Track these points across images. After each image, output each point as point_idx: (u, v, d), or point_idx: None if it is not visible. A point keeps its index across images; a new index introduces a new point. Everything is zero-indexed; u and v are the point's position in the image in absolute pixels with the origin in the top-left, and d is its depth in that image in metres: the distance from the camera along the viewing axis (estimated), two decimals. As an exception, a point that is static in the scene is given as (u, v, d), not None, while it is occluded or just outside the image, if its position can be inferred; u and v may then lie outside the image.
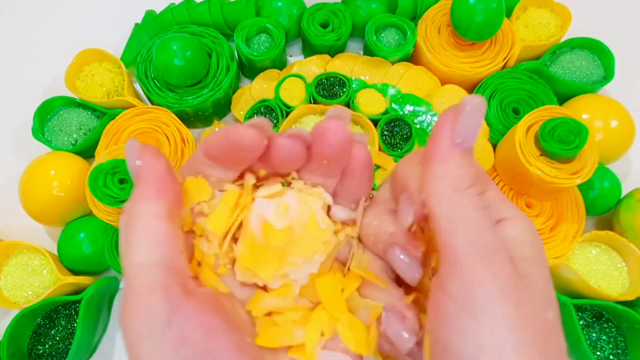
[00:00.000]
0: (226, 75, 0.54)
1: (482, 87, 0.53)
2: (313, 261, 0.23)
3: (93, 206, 0.43)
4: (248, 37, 0.56)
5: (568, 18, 0.55)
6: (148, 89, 0.53)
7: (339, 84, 0.47)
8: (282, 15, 0.57)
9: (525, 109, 0.51)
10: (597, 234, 0.47)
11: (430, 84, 0.54)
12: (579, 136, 0.44)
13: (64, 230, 0.49)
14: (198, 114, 0.54)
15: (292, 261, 0.23)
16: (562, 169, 0.45)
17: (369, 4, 0.57)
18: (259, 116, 0.47)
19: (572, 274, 0.45)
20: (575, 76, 0.55)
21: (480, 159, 0.49)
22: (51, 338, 0.46)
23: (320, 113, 0.48)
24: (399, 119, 0.45)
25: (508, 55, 0.54)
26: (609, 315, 0.47)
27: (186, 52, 0.50)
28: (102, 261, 0.48)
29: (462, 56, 0.54)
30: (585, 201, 0.49)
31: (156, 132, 0.51)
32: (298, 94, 0.48)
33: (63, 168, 0.48)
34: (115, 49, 0.58)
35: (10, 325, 0.44)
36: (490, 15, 0.49)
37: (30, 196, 0.48)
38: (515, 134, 0.46)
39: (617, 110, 0.51)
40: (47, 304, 0.46)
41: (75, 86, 0.54)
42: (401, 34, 0.56)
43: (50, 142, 0.52)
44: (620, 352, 0.45)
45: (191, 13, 0.58)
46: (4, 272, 0.47)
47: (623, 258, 0.47)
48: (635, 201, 0.48)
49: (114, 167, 0.42)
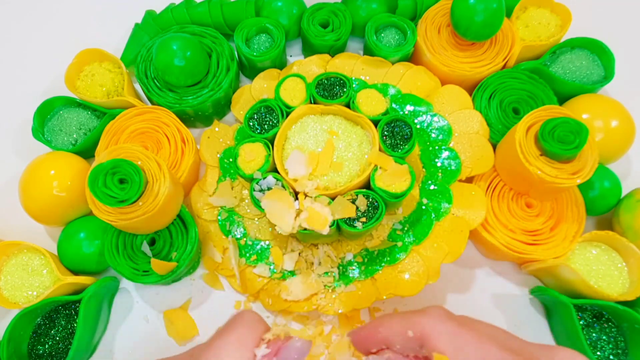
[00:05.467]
0: (226, 75, 0.54)
1: (482, 87, 0.53)
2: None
3: (93, 206, 0.43)
4: (248, 37, 0.56)
5: (568, 18, 0.55)
6: (148, 89, 0.53)
7: (339, 84, 0.47)
8: (282, 15, 0.57)
9: (525, 109, 0.51)
10: (597, 234, 0.47)
11: (430, 84, 0.54)
12: (579, 136, 0.44)
13: (64, 230, 0.49)
14: (198, 114, 0.54)
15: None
16: (562, 169, 0.45)
17: (369, 4, 0.57)
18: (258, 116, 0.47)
19: (572, 274, 0.45)
20: (575, 76, 0.55)
21: (480, 159, 0.49)
22: (51, 338, 0.46)
23: (321, 113, 0.48)
24: (399, 119, 0.45)
25: (508, 55, 0.54)
26: (609, 315, 0.47)
27: (186, 52, 0.50)
28: (102, 261, 0.48)
29: (462, 56, 0.54)
30: (585, 201, 0.49)
31: (156, 132, 0.51)
32: (298, 94, 0.48)
33: (63, 168, 0.48)
34: (115, 49, 0.58)
35: (10, 325, 0.44)
36: (490, 15, 0.50)
37: (30, 196, 0.48)
38: (515, 134, 0.46)
39: (617, 110, 0.51)
40: (47, 304, 0.46)
41: (75, 86, 0.54)
42: (401, 34, 0.56)
43: (50, 142, 0.52)
44: (620, 352, 0.45)
45: (191, 13, 0.58)
46: (4, 272, 0.47)
47: (623, 258, 0.47)
48: (635, 201, 0.48)
49: (114, 167, 0.42)
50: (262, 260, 0.49)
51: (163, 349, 0.48)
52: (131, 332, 0.49)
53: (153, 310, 0.50)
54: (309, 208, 0.42)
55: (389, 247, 0.47)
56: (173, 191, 0.44)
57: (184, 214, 0.47)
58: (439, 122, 0.51)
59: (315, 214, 0.42)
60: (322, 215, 0.42)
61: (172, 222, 0.47)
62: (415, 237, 0.47)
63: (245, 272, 0.49)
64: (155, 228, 0.46)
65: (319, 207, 0.42)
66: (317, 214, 0.42)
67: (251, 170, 0.45)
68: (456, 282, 0.51)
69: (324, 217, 0.42)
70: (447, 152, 0.49)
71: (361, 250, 0.48)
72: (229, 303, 0.50)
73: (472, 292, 0.50)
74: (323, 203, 0.43)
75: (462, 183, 0.49)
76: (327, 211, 0.42)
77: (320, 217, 0.42)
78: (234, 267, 0.49)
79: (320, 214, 0.42)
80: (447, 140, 0.50)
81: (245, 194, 0.51)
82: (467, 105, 0.52)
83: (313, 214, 0.42)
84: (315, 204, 0.42)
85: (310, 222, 0.42)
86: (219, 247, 0.50)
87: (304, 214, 0.42)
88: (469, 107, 0.52)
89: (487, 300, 0.50)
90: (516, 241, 0.47)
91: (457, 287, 0.51)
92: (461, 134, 0.51)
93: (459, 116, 0.51)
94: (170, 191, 0.43)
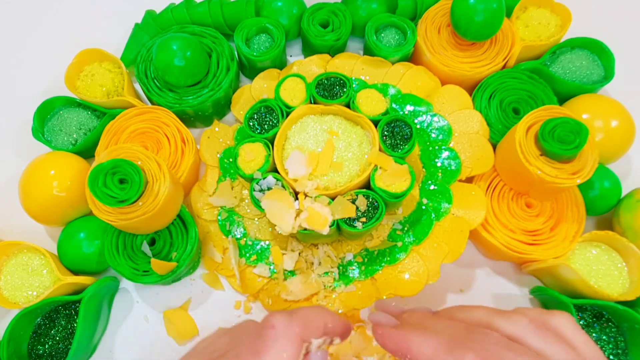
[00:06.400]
0: (226, 75, 0.54)
1: (482, 87, 0.53)
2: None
3: (93, 206, 0.43)
4: (248, 37, 0.56)
5: (568, 18, 0.55)
6: (148, 89, 0.53)
7: (339, 84, 0.47)
8: (282, 15, 0.57)
9: (525, 109, 0.51)
10: (597, 234, 0.47)
11: (430, 84, 0.54)
12: (579, 136, 0.44)
13: (64, 230, 0.49)
14: (198, 114, 0.54)
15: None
16: (562, 169, 0.45)
17: (369, 4, 0.57)
18: (258, 116, 0.47)
19: (572, 274, 0.45)
20: (575, 76, 0.55)
21: (480, 159, 0.49)
22: (51, 338, 0.46)
23: (320, 113, 0.48)
24: (399, 119, 0.45)
25: (508, 55, 0.54)
26: (609, 315, 0.47)
27: (186, 52, 0.50)
28: (102, 261, 0.48)
29: (462, 56, 0.54)
30: (585, 201, 0.49)
31: (156, 132, 0.51)
32: (298, 94, 0.48)
33: (63, 168, 0.48)
34: (115, 49, 0.58)
35: (10, 325, 0.44)
36: (490, 15, 0.50)
37: (30, 196, 0.48)
38: (515, 134, 0.46)
39: (617, 110, 0.51)
40: (47, 304, 0.46)
41: (75, 86, 0.54)
42: (401, 34, 0.56)
43: (50, 142, 0.52)
44: (620, 352, 0.45)
45: (191, 13, 0.58)
46: (4, 272, 0.47)
47: (623, 258, 0.47)
48: (635, 201, 0.48)
49: (114, 167, 0.42)
50: (262, 260, 0.49)
51: (163, 349, 0.48)
52: (131, 332, 0.49)
53: (153, 310, 0.50)
54: (309, 208, 0.42)
55: (389, 247, 0.47)
56: (173, 191, 0.44)
57: (184, 214, 0.47)
58: (439, 122, 0.51)
59: (315, 214, 0.42)
60: (322, 215, 0.42)
61: (172, 222, 0.47)
62: (415, 237, 0.47)
63: (245, 272, 0.49)
64: (155, 228, 0.46)
65: (319, 207, 0.42)
66: (317, 214, 0.42)
67: (251, 170, 0.45)
68: (456, 282, 0.51)
69: (324, 217, 0.42)
70: (447, 152, 0.49)
71: (361, 250, 0.48)
72: (229, 303, 0.50)
73: (472, 292, 0.50)
74: (323, 203, 0.43)
75: (462, 183, 0.49)
76: (327, 211, 0.42)
77: (320, 217, 0.42)
78: (234, 267, 0.49)
79: (320, 214, 0.42)
80: (447, 140, 0.50)
81: (245, 194, 0.51)
82: (467, 105, 0.52)
83: (313, 214, 0.42)
84: (315, 204, 0.42)
85: (310, 222, 0.42)
86: (219, 247, 0.50)
87: (304, 214, 0.42)
88: (469, 107, 0.52)
89: (487, 300, 0.50)
90: (516, 241, 0.47)
91: (457, 287, 0.51)
92: (461, 134, 0.51)
93: (459, 116, 0.51)
94: (170, 191, 0.43)
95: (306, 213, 0.42)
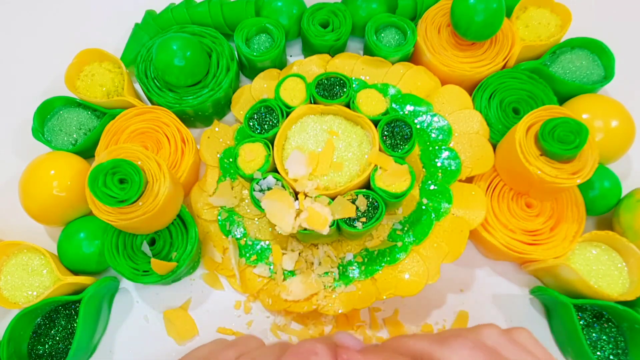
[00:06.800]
0: (226, 75, 0.54)
1: (482, 87, 0.53)
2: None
3: (93, 206, 0.43)
4: (248, 37, 0.56)
5: (568, 18, 0.55)
6: (148, 89, 0.53)
7: (339, 84, 0.47)
8: (282, 15, 0.57)
9: (525, 109, 0.51)
10: (597, 234, 0.47)
11: (430, 84, 0.54)
12: (579, 136, 0.44)
13: (64, 230, 0.49)
14: (198, 114, 0.54)
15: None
16: (562, 169, 0.45)
17: (369, 4, 0.57)
18: (258, 116, 0.47)
19: (572, 274, 0.45)
20: (575, 76, 0.55)
21: (480, 159, 0.49)
22: (51, 338, 0.46)
23: (321, 113, 0.48)
24: (399, 119, 0.45)
25: (508, 55, 0.54)
26: (609, 315, 0.47)
27: (186, 52, 0.50)
28: (102, 261, 0.48)
29: (462, 56, 0.54)
30: (585, 201, 0.49)
31: (156, 132, 0.51)
32: (298, 94, 0.48)
33: (63, 168, 0.48)
34: (115, 49, 0.58)
35: (10, 325, 0.44)
36: (490, 15, 0.50)
37: (30, 196, 0.48)
38: (515, 134, 0.46)
39: (617, 110, 0.51)
40: (47, 304, 0.46)
41: (75, 86, 0.54)
42: (401, 34, 0.56)
43: (50, 142, 0.52)
44: (620, 352, 0.45)
45: (191, 13, 0.58)
46: (4, 272, 0.47)
47: (623, 258, 0.47)
48: (635, 201, 0.48)
49: (114, 167, 0.42)
50: (262, 260, 0.49)
51: (163, 349, 0.48)
52: (131, 332, 0.49)
53: (153, 310, 0.50)
54: (309, 208, 0.42)
55: (389, 247, 0.47)
56: (173, 191, 0.44)
57: (184, 214, 0.47)
58: (439, 122, 0.51)
59: (315, 214, 0.42)
60: (322, 215, 0.42)
61: (172, 222, 0.47)
62: (415, 237, 0.47)
63: (245, 272, 0.49)
64: (155, 228, 0.46)
65: (319, 207, 0.42)
66: (317, 214, 0.42)
67: (251, 170, 0.45)
68: (456, 282, 0.51)
69: (324, 217, 0.42)
70: (447, 152, 0.49)
71: (361, 250, 0.48)
72: (229, 303, 0.50)
73: (472, 292, 0.50)
74: (323, 203, 0.43)
75: (462, 183, 0.49)
76: (327, 211, 0.42)
77: (320, 217, 0.42)
78: (234, 267, 0.49)
79: (320, 214, 0.42)
80: (447, 140, 0.50)
81: (245, 194, 0.51)
82: (467, 105, 0.52)
83: (313, 214, 0.42)
84: (315, 204, 0.42)
85: (310, 222, 0.42)
86: (219, 247, 0.50)
87: (304, 214, 0.42)
88: (469, 107, 0.52)
89: (487, 300, 0.50)
90: (516, 241, 0.47)
91: (457, 287, 0.51)
92: (461, 134, 0.51)
93: (459, 116, 0.51)
94: (170, 191, 0.43)
95: (306, 213, 0.42)
